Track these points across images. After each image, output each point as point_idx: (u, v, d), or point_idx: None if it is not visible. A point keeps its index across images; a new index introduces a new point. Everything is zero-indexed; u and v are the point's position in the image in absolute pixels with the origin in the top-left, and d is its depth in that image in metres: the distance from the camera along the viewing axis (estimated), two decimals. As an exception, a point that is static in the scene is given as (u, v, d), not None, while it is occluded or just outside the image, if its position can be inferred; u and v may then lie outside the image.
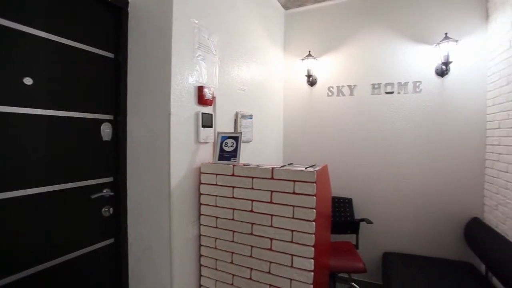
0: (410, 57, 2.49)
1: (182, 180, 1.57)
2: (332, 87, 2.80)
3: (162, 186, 1.52)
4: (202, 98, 1.66)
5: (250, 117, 2.24)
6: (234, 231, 1.57)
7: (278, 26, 2.90)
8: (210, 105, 1.76)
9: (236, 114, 2.07)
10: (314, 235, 1.36)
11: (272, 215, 1.46)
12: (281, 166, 1.50)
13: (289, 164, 1.67)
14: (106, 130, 1.56)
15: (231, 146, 1.65)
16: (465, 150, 2.31)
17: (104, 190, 1.54)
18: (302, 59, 2.80)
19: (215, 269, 1.64)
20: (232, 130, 2.04)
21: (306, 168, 1.43)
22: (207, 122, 1.72)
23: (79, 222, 1.44)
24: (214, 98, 1.78)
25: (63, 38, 1.34)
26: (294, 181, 1.39)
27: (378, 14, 2.60)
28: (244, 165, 1.58)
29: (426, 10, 2.42)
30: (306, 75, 2.83)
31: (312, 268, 1.36)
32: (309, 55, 2.77)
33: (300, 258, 1.39)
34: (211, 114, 1.76)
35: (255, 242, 1.51)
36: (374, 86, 2.62)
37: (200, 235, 1.69)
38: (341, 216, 2.64)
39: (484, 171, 2.25)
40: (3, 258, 1.15)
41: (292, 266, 1.41)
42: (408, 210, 2.49)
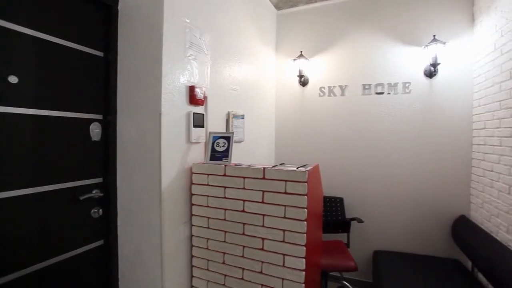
0: (399, 58, 2.53)
1: (173, 180, 1.55)
2: (323, 88, 2.82)
3: (152, 186, 1.50)
4: (193, 98, 1.65)
5: (242, 117, 2.24)
6: (226, 232, 1.57)
7: (270, 26, 2.91)
8: (202, 105, 1.75)
9: (228, 114, 2.07)
10: (305, 235, 1.36)
11: (264, 215, 1.46)
12: (272, 166, 1.50)
13: (280, 164, 1.68)
14: (95, 130, 1.53)
15: (223, 146, 1.64)
16: (452, 150, 2.37)
17: (93, 191, 1.51)
18: (294, 60, 2.81)
19: (207, 269, 1.63)
20: (224, 130, 2.04)
21: (297, 168, 1.44)
22: (199, 122, 1.71)
23: (67, 223, 1.41)
24: (205, 98, 1.77)
25: (50, 36, 1.31)
26: (286, 181, 1.40)
27: (369, 16, 2.64)
28: (235, 165, 1.58)
29: (415, 13, 2.47)
30: (298, 75, 2.85)
31: (303, 267, 1.37)
32: (301, 56, 2.78)
33: (292, 257, 1.40)
34: (203, 114, 1.75)
35: (247, 242, 1.51)
36: (364, 87, 2.66)
37: (191, 236, 1.68)
38: (332, 215, 2.67)
39: (470, 170, 2.31)
40: (-13, 262, 1.12)
41: (284, 266, 1.42)
42: (398, 209, 2.54)
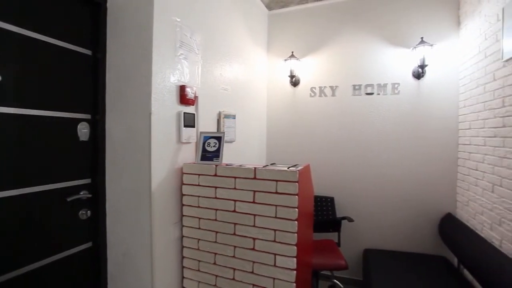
0: (389, 59, 2.58)
1: (163, 181, 1.54)
2: (314, 88, 2.84)
3: (142, 187, 1.48)
4: (184, 98, 1.63)
5: (233, 117, 2.23)
6: (217, 232, 1.56)
7: (261, 27, 2.91)
8: (193, 104, 1.74)
9: (219, 114, 2.06)
10: (296, 234, 1.37)
11: (255, 215, 1.46)
12: (263, 166, 1.51)
13: (271, 164, 1.68)
14: (83, 130, 1.50)
15: (214, 146, 1.63)
16: (439, 149, 2.42)
17: (81, 192, 1.48)
18: (285, 60, 2.83)
19: (198, 270, 1.62)
20: (215, 130, 2.03)
21: (288, 168, 1.44)
22: (189, 121, 1.70)
23: (55, 226, 1.38)
24: (196, 97, 1.76)
25: (36, 33, 1.27)
26: (277, 180, 1.40)
27: (359, 17, 2.68)
28: (226, 165, 1.58)
29: (404, 15, 2.52)
30: (289, 76, 2.86)
31: (294, 266, 1.38)
32: (292, 56, 2.80)
33: (283, 257, 1.40)
34: (194, 114, 1.74)
35: (238, 242, 1.51)
36: (355, 87, 2.69)
37: (182, 237, 1.66)
38: (323, 214, 2.69)
39: (456, 169, 2.37)
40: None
41: (275, 265, 1.42)
42: (387, 208, 2.58)
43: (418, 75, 2.47)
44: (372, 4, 2.63)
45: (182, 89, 1.63)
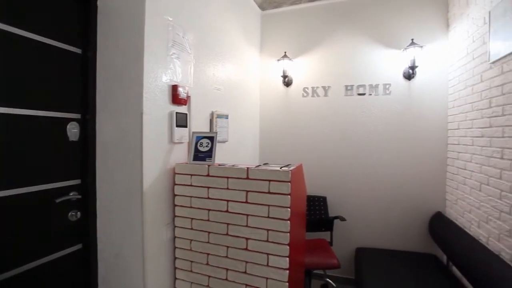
0: (380, 60, 2.61)
1: (155, 181, 1.52)
2: (307, 88, 2.86)
3: (134, 188, 1.46)
4: (176, 97, 1.62)
5: (226, 117, 2.23)
6: (209, 232, 1.56)
7: (254, 27, 2.91)
8: (185, 104, 1.73)
9: (211, 114, 2.05)
10: (289, 234, 1.38)
11: (247, 215, 1.46)
12: (256, 166, 1.51)
13: (264, 164, 1.69)
14: (73, 130, 1.47)
15: (206, 146, 1.63)
16: (429, 149, 2.47)
17: (70, 193, 1.46)
18: (278, 60, 2.83)
19: (190, 271, 1.61)
20: (207, 130, 2.02)
21: (281, 167, 1.45)
22: (182, 121, 1.69)
23: (42, 228, 1.34)
24: (189, 97, 1.75)
25: (22, 30, 1.24)
26: (269, 180, 1.41)
27: (352, 18, 2.70)
28: (219, 165, 1.57)
29: (395, 16, 2.56)
30: (282, 76, 2.87)
31: (287, 266, 1.39)
32: (285, 56, 2.81)
33: (275, 256, 1.41)
34: (186, 114, 1.73)
35: (231, 242, 1.51)
36: (347, 88, 2.72)
37: (174, 237, 1.65)
38: (316, 214, 2.71)
39: (446, 169, 2.42)
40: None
41: (268, 265, 1.42)
42: (379, 207, 2.61)
43: (409, 76, 2.51)
44: (363, 5, 2.66)
45: (174, 88, 1.62)
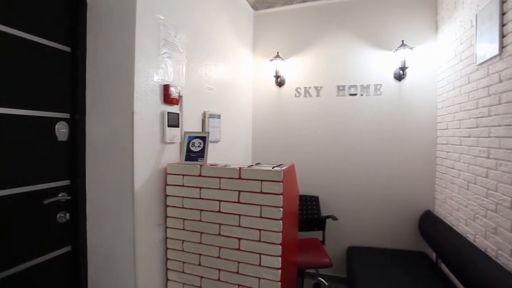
0: (371, 61, 2.64)
1: (146, 181, 1.51)
2: (299, 88, 2.88)
3: (125, 188, 1.44)
4: (168, 97, 1.61)
5: (218, 116, 2.22)
6: (201, 233, 1.55)
7: (247, 27, 2.91)
8: (177, 104, 1.72)
9: (203, 114, 2.04)
10: (281, 233, 1.38)
11: (240, 215, 1.46)
12: (248, 166, 1.51)
13: (256, 164, 1.69)
14: (62, 130, 1.45)
15: (198, 146, 1.62)
16: (419, 149, 2.51)
17: (59, 195, 1.43)
18: (271, 60, 2.84)
19: (183, 272, 1.60)
20: (199, 130, 2.01)
21: (273, 167, 1.45)
22: (174, 121, 1.67)
23: (30, 230, 1.31)
24: (180, 97, 1.74)
25: (8, 27, 1.21)
26: (262, 180, 1.41)
27: (343, 19, 2.73)
28: (211, 165, 1.57)
29: (386, 18, 2.59)
30: (274, 76, 2.88)
31: (279, 265, 1.39)
32: (277, 56, 2.81)
33: (268, 256, 1.41)
34: (178, 114, 1.72)
35: (223, 242, 1.50)
36: (339, 88, 2.75)
37: (166, 238, 1.64)
38: (308, 213, 2.73)
39: (435, 168, 2.46)
40: None
41: (260, 265, 1.43)
42: (370, 207, 2.65)
43: (399, 77, 2.55)
44: (354, 7, 2.69)
45: (166, 88, 1.60)
